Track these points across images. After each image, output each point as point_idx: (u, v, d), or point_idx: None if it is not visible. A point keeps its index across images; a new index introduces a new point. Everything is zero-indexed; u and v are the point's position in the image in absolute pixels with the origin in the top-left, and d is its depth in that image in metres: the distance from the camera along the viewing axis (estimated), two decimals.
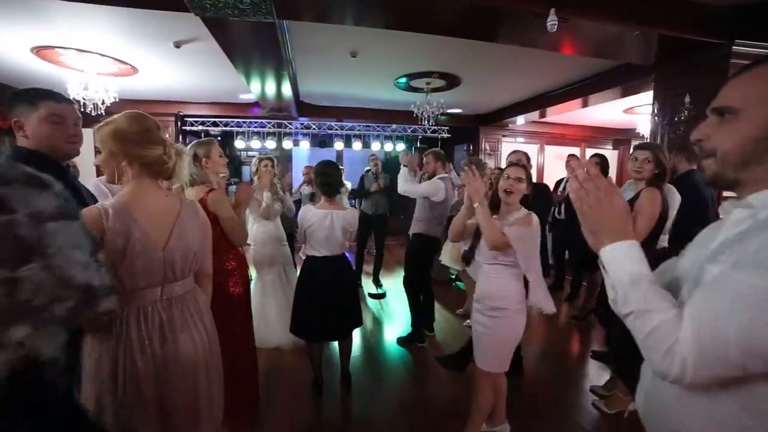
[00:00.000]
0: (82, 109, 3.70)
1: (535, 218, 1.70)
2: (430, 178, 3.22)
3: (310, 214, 2.14)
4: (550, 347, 3.17)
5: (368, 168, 4.84)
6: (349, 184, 5.07)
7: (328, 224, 2.13)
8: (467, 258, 1.92)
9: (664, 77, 3.17)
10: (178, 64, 4.01)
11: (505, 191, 1.73)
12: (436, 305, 3.48)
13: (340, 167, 2.79)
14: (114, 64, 3.73)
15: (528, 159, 2.85)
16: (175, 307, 1.12)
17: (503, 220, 1.75)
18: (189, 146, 1.91)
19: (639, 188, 2.02)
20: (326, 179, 2.19)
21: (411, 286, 3.24)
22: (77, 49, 3.32)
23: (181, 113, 6.08)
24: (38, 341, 0.44)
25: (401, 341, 3.16)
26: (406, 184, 3.22)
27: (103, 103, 3.72)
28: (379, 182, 4.60)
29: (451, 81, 4.63)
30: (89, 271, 0.53)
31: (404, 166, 3.27)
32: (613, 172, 8.07)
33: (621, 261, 0.68)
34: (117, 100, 3.90)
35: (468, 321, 3.62)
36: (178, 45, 3.37)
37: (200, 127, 6.47)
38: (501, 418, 1.97)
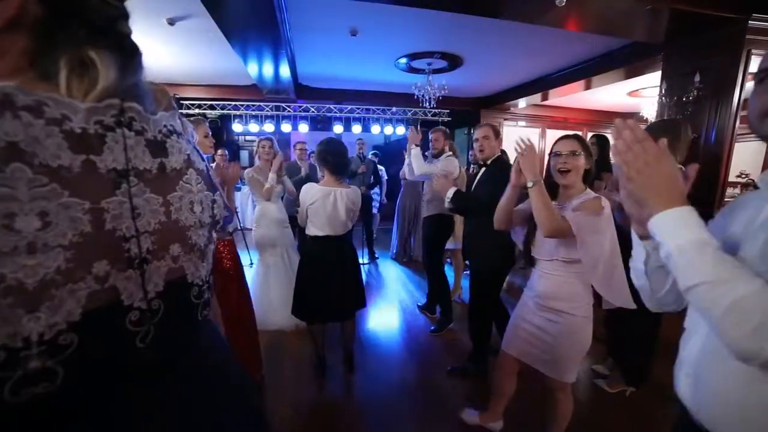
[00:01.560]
0: None
1: (608, 205, 1.38)
2: (437, 155, 3.09)
3: (313, 192, 2.09)
4: None
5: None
6: None
7: (331, 202, 2.08)
8: (527, 256, 1.60)
9: (673, 55, 3.09)
10: (172, 43, 3.89)
11: (560, 171, 1.43)
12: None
13: None
14: None
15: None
16: None
17: (564, 208, 1.46)
18: None
19: None
20: (338, 158, 2.11)
21: (434, 267, 3.20)
22: None
23: (176, 96, 5.95)
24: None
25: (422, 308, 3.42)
26: (423, 165, 2.90)
27: None
28: (365, 164, 4.79)
29: (453, 61, 4.53)
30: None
31: (416, 146, 2.91)
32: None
33: (677, 228, 0.61)
34: None
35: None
36: (171, 22, 3.25)
37: (197, 110, 6.35)
38: (497, 416, 1.89)
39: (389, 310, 3.53)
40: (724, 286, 0.55)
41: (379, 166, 5.96)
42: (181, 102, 6.17)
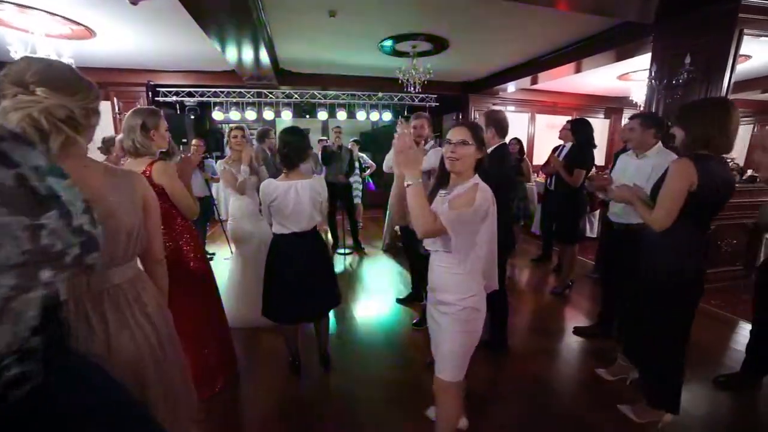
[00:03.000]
0: None
1: (481, 193, 1.32)
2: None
3: (272, 188, 1.95)
4: (535, 321, 3.14)
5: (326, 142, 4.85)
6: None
7: (293, 197, 1.95)
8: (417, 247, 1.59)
9: (663, 36, 2.97)
10: (140, 25, 3.64)
11: (449, 159, 1.39)
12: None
13: (305, 134, 2.48)
14: (65, 25, 3.36)
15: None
16: (108, 300, 0.96)
17: (447, 196, 1.44)
18: (132, 113, 1.71)
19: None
20: (282, 147, 1.98)
21: (410, 252, 3.13)
22: (16, 4, 2.94)
23: (151, 83, 5.68)
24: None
25: (401, 301, 3.37)
26: None
27: None
28: (342, 153, 4.67)
29: (439, 44, 4.35)
30: (89, 221, 0.57)
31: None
32: (603, 141, 7.96)
33: None
34: (74, 66, 3.54)
35: None
36: (134, 1, 3.02)
37: (174, 98, 6.09)
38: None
39: (371, 303, 3.45)
40: None
41: (362, 154, 5.81)
42: (157, 89, 5.91)
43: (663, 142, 2.28)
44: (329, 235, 5.41)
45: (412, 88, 4.81)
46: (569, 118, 7.59)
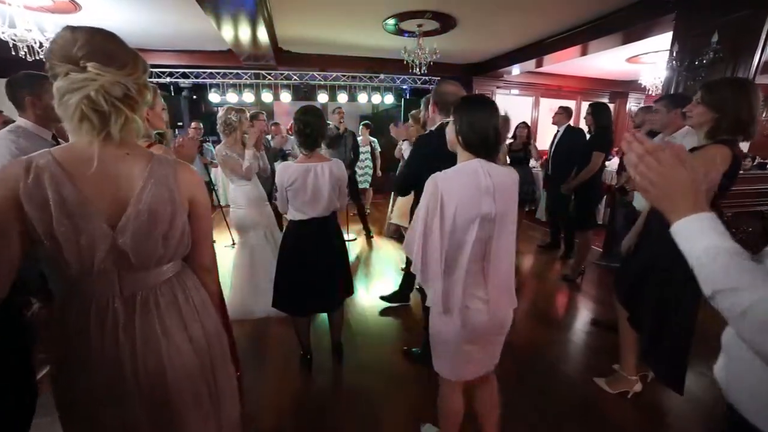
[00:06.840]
0: (13, 53, 3.18)
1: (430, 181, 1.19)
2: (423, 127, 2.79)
3: (291, 170, 1.83)
4: (541, 308, 3.07)
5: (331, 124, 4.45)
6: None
7: (311, 180, 1.83)
8: None
9: (687, 14, 2.82)
10: (129, 0, 3.43)
11: None
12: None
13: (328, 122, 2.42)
14: None
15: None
16: (143, 304, 0.86)
17: None
18: None
19: (701, 142, 1.60)
20: (303, 128, 1.85)
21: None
22: None
23: None
24: None
25: (384, 298, 3.07)
26: None
27: (40, 45, 3.15)
28: (344, 138, 4.31)
29: (446, 23, 4.16)
30: None
31: (403, 141, 2.90)
32: None
33: (693, 237, 0.60)
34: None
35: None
36: None
37: (168, 79, 5.86)
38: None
39: (381, 291, 3.36)
40: (736, 294, 0.54)
41: (373, 138, 5.66)
42: (150, 70, 5.65)
43: None
44: None
45: (418, 70, 4.63)
46: (574, 102, 7.46)
